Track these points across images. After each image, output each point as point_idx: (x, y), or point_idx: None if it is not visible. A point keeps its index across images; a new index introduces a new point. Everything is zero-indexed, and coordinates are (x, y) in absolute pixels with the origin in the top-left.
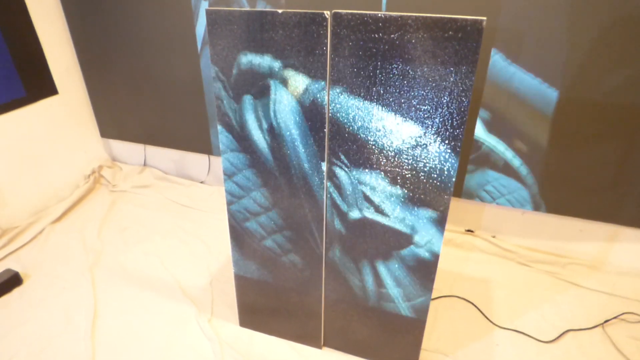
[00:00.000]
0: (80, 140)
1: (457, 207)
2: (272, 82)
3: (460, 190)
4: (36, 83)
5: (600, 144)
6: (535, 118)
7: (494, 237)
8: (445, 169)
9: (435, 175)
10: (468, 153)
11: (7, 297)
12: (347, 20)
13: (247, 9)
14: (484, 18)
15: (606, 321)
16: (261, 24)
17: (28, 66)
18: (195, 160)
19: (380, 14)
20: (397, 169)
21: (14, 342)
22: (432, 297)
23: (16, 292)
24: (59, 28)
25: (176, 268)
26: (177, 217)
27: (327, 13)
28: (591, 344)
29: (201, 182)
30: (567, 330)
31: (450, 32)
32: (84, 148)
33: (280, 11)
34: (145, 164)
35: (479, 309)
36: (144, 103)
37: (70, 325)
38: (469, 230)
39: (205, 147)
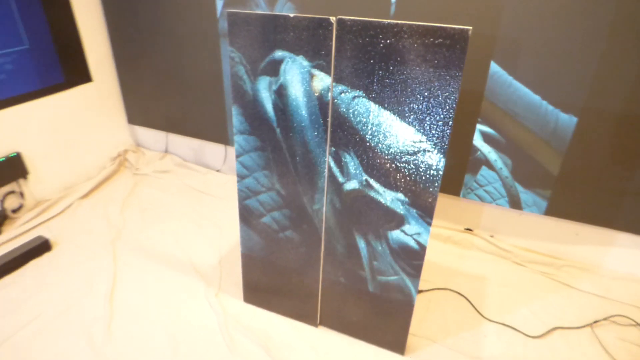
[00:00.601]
0: (109, 125)
1: (457, 206)
2: (283, 66)
3: (459, 190)
4: (74, 70)
5: (599, 150)
6: (537, 128)
7: (492, 236)
8: (433, 163)
9: (423, 167)
10: (467, 155)
11: (37, 261)
12: (350, 26)
13: (263, 12)
14: (470, 27)
15: (595, 322)
16: (275, 26)
17: (68, 55)
18: (213, 150)
19: (378, 21)
20: (389, 163)
21: (42, 301)
22: (427, 288)
23: (46, 257)
24: (97, 22)
25: (189, 247)
26: (193, 201)
27: (332, 18)
28: (578, 342)
29: (217, 171)
30: (555, 328)
31: (439, 39)
32: (112, 132)
33: (292, 15)
34: (166, 151)
35: (470, 303)
36: (168, 94)
37: (92, 290)
38: (467, 229)
39: (222, 137)
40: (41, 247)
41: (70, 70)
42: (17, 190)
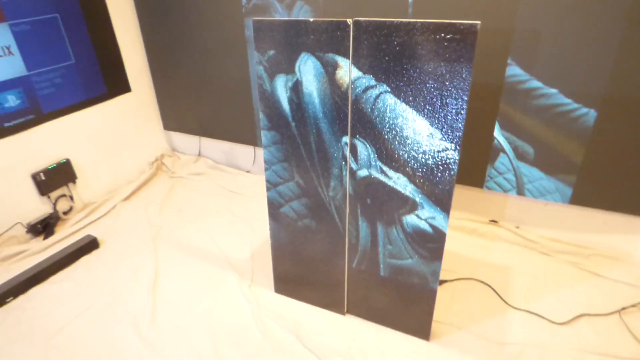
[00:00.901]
0: (147, 132)
1: (481, 198)
2: (298, 64)
3: (482, 182)
4: (114, 82)
5: (623, 138)
6: (562, 117)
7: (517, 227)
8: (449, 151)
9: (439, 156)
10: (489, 147)
11: (87, 258)
12: (365, 26)
13: (286, 18)
14: (479, 22)
15: (623, 308)
16: (296, 30)
17: (109, 68)
18: (243, 152)
19: (391, 20)
20: (404, 152)
21: (93, 294)
22: (452, 278)
23: (95, 254)
24: (135, 37)
25: (223, 243)
26: (225, 201)
27: (349, 21)
28: (606, 329)
29: (247, 172)
30: (582, 314)
31: (450, 35)
32: (149, 139)
33: (311, 20)
34: (199, 154)
35: (495, 291)
36: (200, 100)
37: (137, 283)
38: (493, 221)
39: (251, 139)
40: (90, 245)
41: (112, 81)
42: (68, 194)
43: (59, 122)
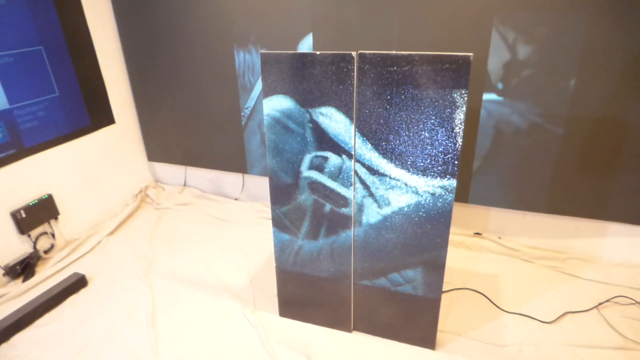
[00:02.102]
0: (130, 164)
1: (465, 212)
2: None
3: (466, 196)
4: (98, 114)
5: (589, 152)
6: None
7: (499, 238)
8: (449, 166)
9: (440, 166)
10: (471, 164)
11: (75, 297)
12: (369, 58)
13: (292, 51)
14: (471, 54)
15: (600, 304)
16: (303, 62)
17: (93, 100)
18: (230, 180)
19: (394, 53)
20: (411, 168)
21: (87, 333)
22: (447, 289)
23: (83, 292)
24: (119, 68)
25: (219, 271)
26: (216, 229)
27: (354, 53)
28: (587, 323)
29: (235, 199)
30: (566, 312)
31: (447, 65)
32: (133, 170)
33: (318, 53)
34: (185, 184)
35: (488, 298)
36: (186, 130)
37: (133, 319)
38: (477, 233)
39: (240, 166)
40: (78, 283)
41: (95, 114)
42: (49, 231)
43: (41, 156)
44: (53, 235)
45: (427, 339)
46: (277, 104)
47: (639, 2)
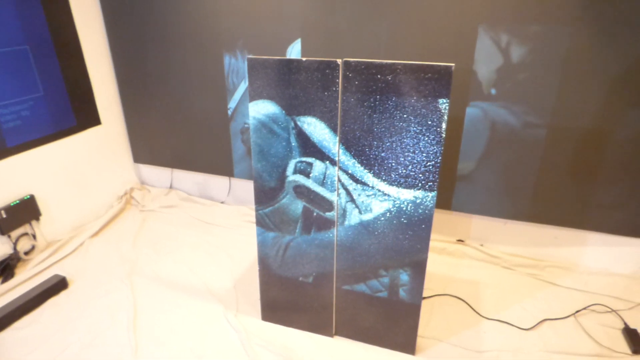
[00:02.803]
0: (116, 165)
1: (449, 219)
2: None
3: (450, 204)
4: (84, 114)
5: (571, 163)
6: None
7: (482, 245)
8: (430, 174)
9: (420, 182)
10: (455, 172)
11: (55, 299)
12: (354, 66)
13: (279, 57)
14: (453, 64)
15: (577, 312)
16: (289, 68)
17: (79, 100)
18: (217, 183)
19: (378, 61)
20: (393, 174)
21: (67, 335)
22: (428, 295)
23: (63, 294)
24: (106, 69)
25: (203, 274)
26: (201, 232)
27: (339, 60)
28: (565, 330)
29: (221, 203)
30: (544, 319)
31: (429, 74)
32: (118, 172)
33: (304, 59)
34: (171, 187)
35: (468, 305)
36: (173, 132)
37: (114, 321)
38: (459, 240)
39: (227, 169)
40: (58, 285)
41: (81, 114)
42: (30, 232)
43: (24, 156)
44: (34, 237)
45: (408, 344)
46: (263, 108)
47: (622, 13)
